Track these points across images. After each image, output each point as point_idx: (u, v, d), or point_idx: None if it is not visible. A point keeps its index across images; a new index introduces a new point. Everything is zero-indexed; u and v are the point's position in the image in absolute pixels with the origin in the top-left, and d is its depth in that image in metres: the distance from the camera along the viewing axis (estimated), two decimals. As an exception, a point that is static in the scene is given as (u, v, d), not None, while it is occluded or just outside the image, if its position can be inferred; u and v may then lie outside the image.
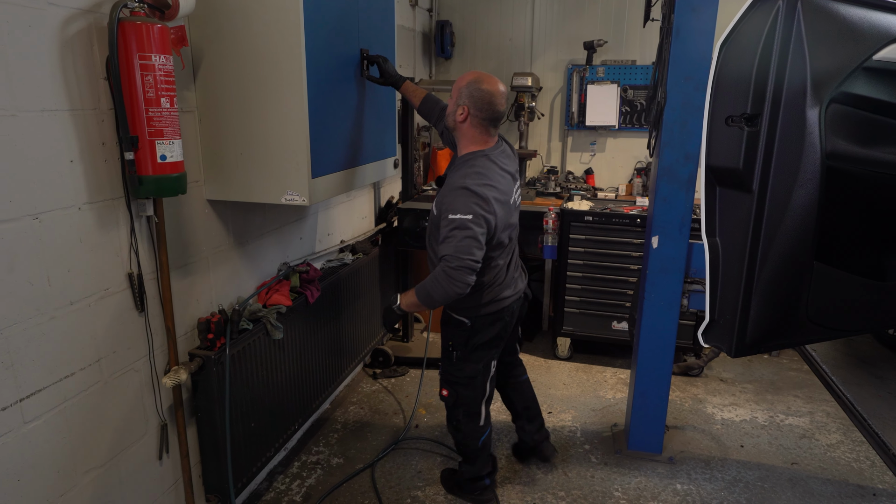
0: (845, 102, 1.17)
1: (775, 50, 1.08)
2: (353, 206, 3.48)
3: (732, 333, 1.26)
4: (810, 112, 1.11)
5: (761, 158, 1.13)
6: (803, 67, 1.09)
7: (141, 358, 1.87)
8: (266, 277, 2.55)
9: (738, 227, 1.21)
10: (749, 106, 1.13)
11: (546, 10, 4.47)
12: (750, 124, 1.13)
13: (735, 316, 1.25)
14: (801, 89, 1.10)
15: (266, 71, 1.97)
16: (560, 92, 4.55)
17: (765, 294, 1.21)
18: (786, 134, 1.12)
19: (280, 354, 2.44)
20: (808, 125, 1.11)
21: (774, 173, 1.13)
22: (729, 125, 1.17)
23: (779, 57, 1.08)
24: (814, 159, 1.12)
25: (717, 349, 3.28)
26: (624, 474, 2.66)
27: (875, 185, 1.25)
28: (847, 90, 1.16)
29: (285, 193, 2.07)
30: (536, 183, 4.39)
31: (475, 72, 2.14)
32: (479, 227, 1.98)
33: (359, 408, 3.21)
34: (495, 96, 2.07)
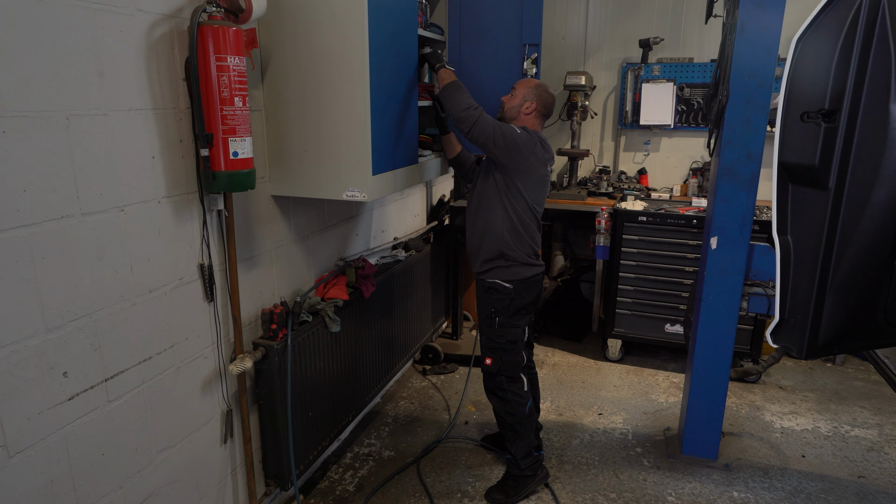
0: None
1: (857, 44, 1.05)
2: (406, 203, 3.54)
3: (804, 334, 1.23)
4: (893, 107, 1.07)
5: (839, 155, 1.10)
6: (887, 62, 1.06)
7: (210, 345, 1.96)
8: (324, 272, 2.63)
9: (812, 225, 1.18)
10: (827, 102, 1.11)
11: (601, 8, 4.42)
12: (828, 120, 1.11)
13: (807, 316, 1.22)
14: (885, 84, 1.07)
15: (330, 71, 2.03)
16: (614, 91, 4.50)
17: (840, 294, 1.18)
18: (866, 130, 1.09)
19: (336, 347, 2.51)
20: (891, 121, 1.07)
21: (853, 170, 1.10)
22: (805, 121, 1.14)
23: (861, 51, 1.05)
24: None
25: (780, 353, 3.18)
26: (678, 479, 2.61)
27: None
28: (935, 84, 1.12)
29: (346, 189, 2.13)
30: (588, 183, 4.35)
31: (538, 80, 2.59)
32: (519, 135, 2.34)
33: (409, 402, 3.26)
34: (553, 100, 2.56)
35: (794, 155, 1.17)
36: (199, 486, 1.97)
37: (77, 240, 1.46)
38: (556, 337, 4.11)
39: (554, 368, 3.68)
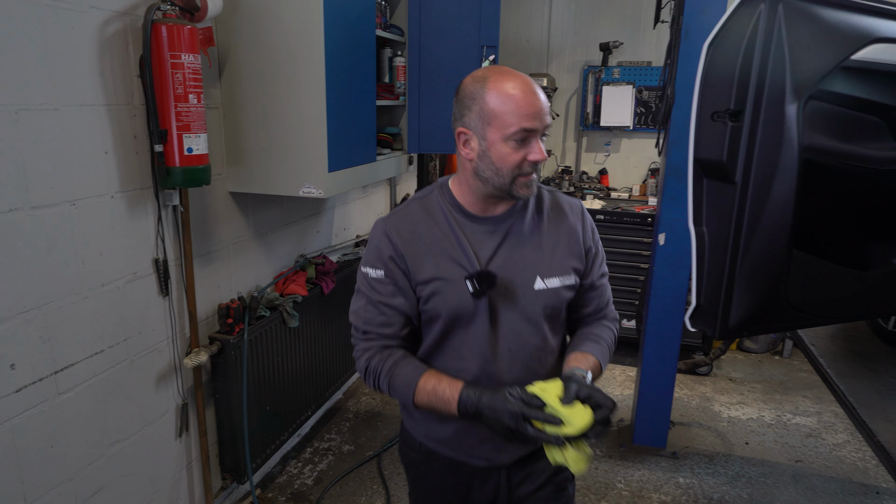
0: (824, 99, 1.23)
1: (757, 50, 1.14)
2: (370, 202, 3.58)
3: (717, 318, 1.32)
4: (789, 108, 1.17)
5: (744, 151, 1.20)
6: (783, 66, 1.15)
7: (164, 339, 1.98)
8: (284, 268, 2.66)
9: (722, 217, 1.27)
10: (732, 102, 1.20)
11: (563, 11, 4.53)
12: (734, 119, 1.20)
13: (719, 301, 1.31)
14: (781, 87, 1.16)
15: (287, 70, 2.07)
16: (576, 93, 4.61)
17: (746, 280, 1.27)
18: (766, 128, 1.18)
19: (295, 342, 2.54)
20: (787, 121, 1.17)
21: (756, 166, 1.19)
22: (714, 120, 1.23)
23: (760, 57, 1.14)
24: (792, 153, 1.18)
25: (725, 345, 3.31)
26: (627, 467, 2.72)
27: (853, 177, 1.31)
28: (826, 88, 1.21)
29: (303, 186, 2.17)
30: (551, 182, 4.46)
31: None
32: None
33: (371, 398, 3.30)
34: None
35: (707, 152, 1.26)
36: (154, 479, 1.99)
37: (26, 233, 1.48)
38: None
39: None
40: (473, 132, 1.19)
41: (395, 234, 1.24)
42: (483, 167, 1.20)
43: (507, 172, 1.18)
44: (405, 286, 1.24)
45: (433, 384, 1.20)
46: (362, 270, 1.27)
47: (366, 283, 1.26)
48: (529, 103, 1.15)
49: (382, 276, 1.23)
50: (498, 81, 1.16)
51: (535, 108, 1.15)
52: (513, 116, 1.15)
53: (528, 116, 1.15)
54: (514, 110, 1.15)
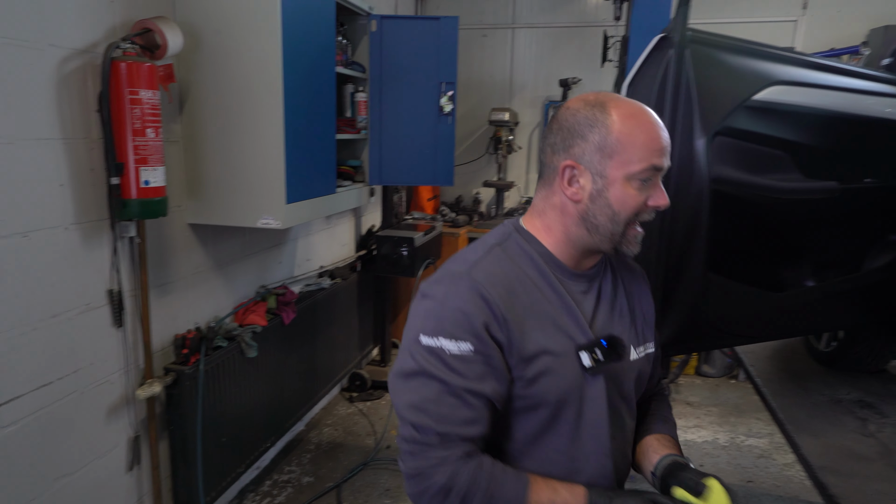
0: (730, 135, 1.34)
1: (669, 90, 1.25)
2: (334, 233, 3.63)
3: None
4: (698, 143, 1.27)
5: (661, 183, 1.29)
6: (692, 105, 1.26)
7: (118, 371, 1.98)
8: (244, 299, 2.68)
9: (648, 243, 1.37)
10: None
11: (525, 49, 4.72)
12: None
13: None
14: (691, 124, 1.27)
15: (246, 105, 2.14)
16: (538, 126, 4.77)
17: (669, 303, 1.36)
18: (678, 162, 1.28)
19: (254, 373, 2.55)
20: (696, 154, 1.27)
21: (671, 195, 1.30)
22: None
23: (672, 96, 1.25)
24: (701, 183, 1.28)
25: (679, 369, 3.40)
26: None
27: (759, 205, 1.42)
28: (731, 125, 1.33)
29: (261, 217, 2.22)
30: (514, 213, 4.57)
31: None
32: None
33: (333, 429, 3.29)
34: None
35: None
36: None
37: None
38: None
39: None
40: (586, 167, 0.95)
41: (493, 291, 0.94)
42: (595, 211, 0.96)
43: (624, 219, 0.97)
44: (500, 365, 0.94)
45: (548, 496, 0.94)
46: (431, 343, 0.92)
47: (439, 362, 0.92)
48: (661, 136, 0.96)
49: (470, 352, 0.91)
50: (621, 107, 0.95)
51: (665, 143, 0.96)
52: (643, 150, 0.94)
53: (660, 152, 0.95)
54: (646, 143, 0.94)
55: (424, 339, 0.93)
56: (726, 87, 1.30)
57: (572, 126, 0.97)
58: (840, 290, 1.57)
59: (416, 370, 0.93)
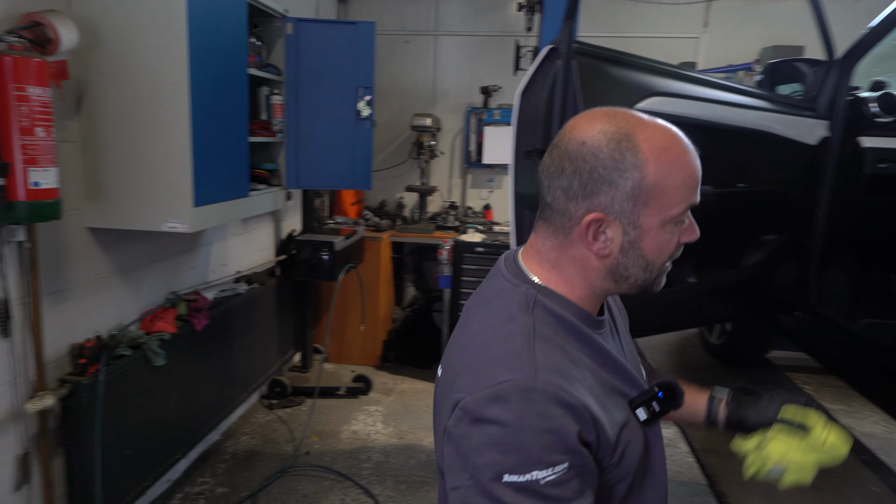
0: None
1: (557, 99, 1.33)
2: (252, 237, 3.55)
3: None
4: None
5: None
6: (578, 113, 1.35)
7: (4, 384, 1.86)
8: (152, 306, 2.57)
9: None
10: (541, 142, 1.37)
11: (447, 56, 4.79)
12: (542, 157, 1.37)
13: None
14: None
15: (150, 105, 2.07)
16: (460, 132, 4.86)
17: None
18: None
19: (163, 382, 2.45)
20: None
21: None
22: (527, 158, 1.40)
23: (561, 104, 1.33)
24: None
25: None
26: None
27: None
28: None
29: (167, 221, 2.15)
30: (437, 218, 4.63)
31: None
32: None
33: (250, 438, 3.21)
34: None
35: (523, 186, 1.43)
36: (-12, 538, 1.83)
37: None
38: (406, 365, 4.26)
39: (401, 395, 3.81)
40: (616, 217, 0.81)
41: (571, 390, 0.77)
42: (627, 263, 0.84)
43: (658, 266, 0.86)
44: (593, 469, 0.79)
45: None
46: (521, 480, 0.73)
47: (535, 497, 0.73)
48: (697, 169, 0.82)
49: (565, 471, 0.74)
50: (652, 139, 0.80)
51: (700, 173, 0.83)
52: (682, 191, 0.80)
53: (697, 187, 0.82)
54: (685, 181, 0.81)
55: (511, 478, 0.73)
56: (610, 96, 1.40)
57: (594, 169, 0.80)
58: (720, 286, 1.71)
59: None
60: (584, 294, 0.87)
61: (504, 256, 0.98)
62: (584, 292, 0.87)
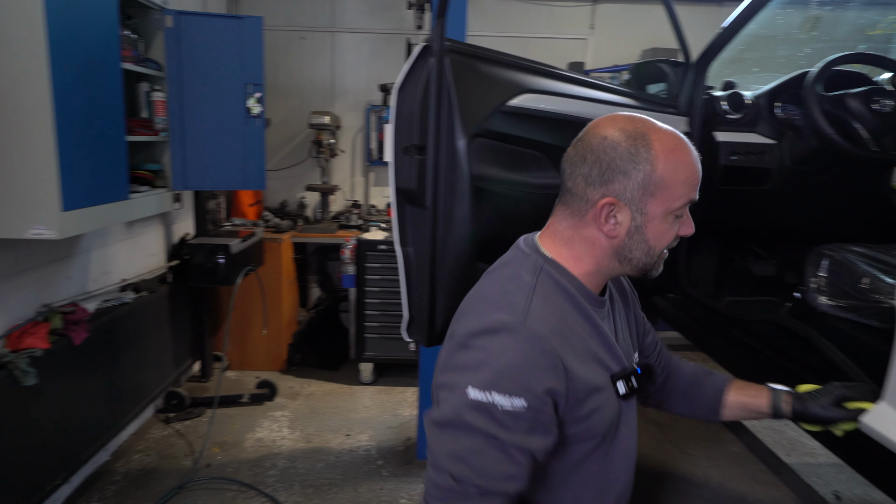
0: (488, 137, 1.50)
1: (432, 95, 1.37)
2: (138, 242, 3.33)
3: (426, 327, 1.51)
4: (460, 143, 1.41)
5: (430, 180, 1.40)
6: (452, 110, 1.39)
7: None
8: (20, 320, 2.36)
9: (422, 237, 1.47)
10: (417, 138, 1.40)
11: (345, 53, 4.74)
12: (420, 153, 1.40)
13: (426, 312, 1.50)
14: (452, 126, 1.40)
15: (7, 102, 1.89)
16: (361, 130, 4.82)
17: (445, 291, 1.48)
18: (444, 161, 1.41)
19: (35, 403, 2.26)
20: (459, 154, 1.41)
21: (440, 193, 1.41)
22: (406, 154, 1.43)
23: (435, 101, 1.37)
24: (464, 181, 1.42)
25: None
26: (412, 482, 2.85)
27: (517, 199, 1.61)
28: (489, 128, 1.49)
29: (31, 228, 1.98)
30: (340, 217, 4.57)
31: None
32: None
33: (145, 455, 3.03)
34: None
35: (403, 181, 1.45)
36: None
37: None
38: (314, 368, 4.18)
39: (308, 398, 3.74)
40: (626, 204, 0.94)
41: (554, 343, 0.90)
42: (632, 246, 0.96)
43: (658, 252, 0.98)
44: (550, 420, 0.90)
45: None
46: (481, 398, 0.87)
47: (488, 417, 0.87)
48: (698, 170, 0.96)
49: (522, 409, 0.87)
50: (663, 140, 0.93)
51: (700, 174, 0.97)
52: (684, 187, 0.94)
53: (697, 186, 0.97)
54: (687, 179, 0.94)
55: (474, 392, 0.87)
56: (483, 93, 1.45)
57: (613, 160, 0.93)
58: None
59: (460, 421, 0.88)
60: (589, 270, 1.00)
61: (523, 237, 1.11)
62: (589, 268, 1.00)
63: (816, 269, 1.81)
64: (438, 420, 0.92)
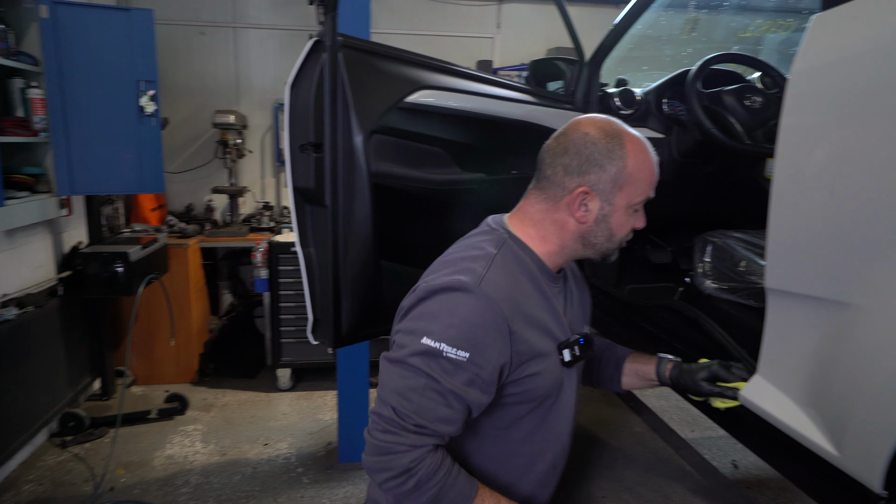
0: (386, 133, 1.50)
1: (326, 92, 1.34)
2: (21, 254, 3.05)
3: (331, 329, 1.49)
4: (357, 140, 1.40)
5: (328, 178, 1.38)
6: (347, 106, 1.38)
7: None
8: None
9: (323, 237, 1.44)
10: (313, 136, 1.38)
11: (249, 49, 4.57)
12: (317, 151, 1.38)
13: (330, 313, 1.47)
14: (349, 123, 1.38)
15: None
16: (269, 129, 4.67)
17: (349, 292, 1.46)
18: (342, 159, 1.39)
19: None
20: (356, 152, 1.39)
21: (339, 191, 1.39)
22: (302, 152, 1.40)
23: (330, 97, 1.35)
24: (363, 178, 1.41)
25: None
26: (333, 487, 2.80)
27: (418, 196, 1.62)
28: (386, 124, 1.49)
29: None
30: (251, 219, 4.41)
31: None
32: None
33: (37, 485, 2.79)
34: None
35: (301, 180, 1.42)
36: None
37: None
38: (228, 377, 4.01)
39: (223, 409, 3.59)
40: (598, 194, 1.07)
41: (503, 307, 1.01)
42: (597, 232, 1.10)
43: (618, 240, 1.13)
44: (490, 379, 1.02)
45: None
46: (431, 345, 0.99)
47: (433, 361, 0.99)
48: (657, 171, 1.12)
49: (464, 360, 0.98)
50: (634, 141, 1.09)
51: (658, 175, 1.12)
52: (646, 184, 1.10)
53: (654, 184, 1.12)
54: (649, 178, 1.10)
55: (426, 339, 0.99)
56: (379, 89, 1.44)
57: (591, 154, 1.06)
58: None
59: (409, 362, 1.00)
60: (553, 250, 1.12)
61: (492, 216, 1.22)
62: (553, 248, 1.12)
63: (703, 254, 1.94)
64: (391, 358, 1.04)
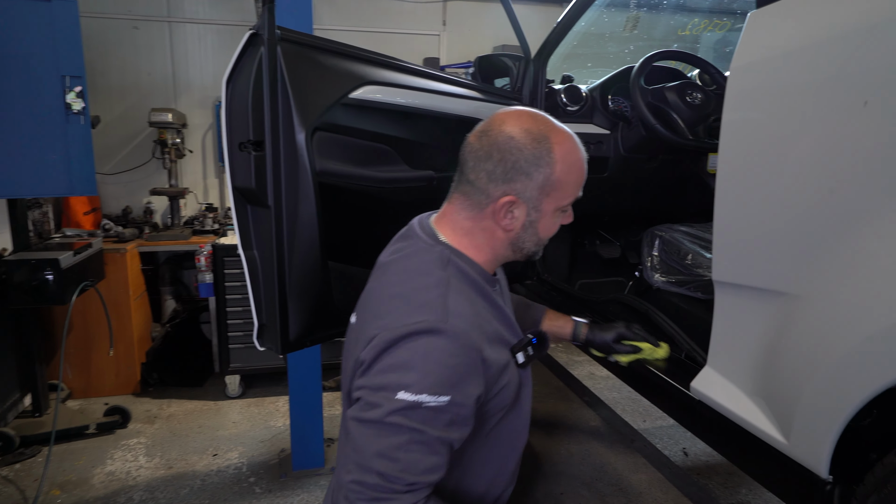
0: (330, 130, 1.46)
1: (265, 87, 1.29)
2: (-63, 264, 2.83)
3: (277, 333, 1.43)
4: (299, 138, 1.35)
5: (271, 178, 1.32)
6: (288, 102, 1.32)
7: None
8: None
9: (267, 239, 1.39)
10: (252, 133, 1.32)
11: (186, 45, 4.39)
12: (256, 149, 1.32)
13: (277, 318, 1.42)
14: (290, 120, 1.33)
15: None
16: (210, 128, 4.51)
17: (296, 295, 1.41)
18: (284, 157, 1.34)
19: None
20: (299, 149, 1.34)
21: (282, 190, 1.34)
22: (241, 150, 1.33)
23: (269, 93, 1.29)
24: (307, 177, 1.36)
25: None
26: (287, 496, 2.72)
27: (365, 194, 1.59)
28: (329, 121, 1.44)
29: None
30: (194, 222, 4.25)
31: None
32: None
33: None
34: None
35: (240, 179, 1.36)
36: None
37: None
38: (174, 386, 3.85)
39: (169, 420, 3.44)
40: (525, 202, 1.03)
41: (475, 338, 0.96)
42: (525, 238, 1.07)
43: (545, 243, 1.11)
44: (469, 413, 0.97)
45: None
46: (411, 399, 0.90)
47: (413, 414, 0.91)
48: (586, 170, 1.08)
49: (445, 404, 0.92)
50: (562, 142, 1.02)
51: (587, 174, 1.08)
52: (575, 187, 1.06)
53: (582, 184, 1.08)
54: (577, 180, 1.06)
55: (403, 395, 0.91)
56: (321, 85, 1.39)
57: (517, 161, 0.99)
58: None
59: (388, 421, 0.91)
60: (488, 258, 1.09)
61: (417, 220, 1.15)
62: (488, 257, 1.08)
63: (651, 248, 1.98)
64: (363, 419, 0.94)
